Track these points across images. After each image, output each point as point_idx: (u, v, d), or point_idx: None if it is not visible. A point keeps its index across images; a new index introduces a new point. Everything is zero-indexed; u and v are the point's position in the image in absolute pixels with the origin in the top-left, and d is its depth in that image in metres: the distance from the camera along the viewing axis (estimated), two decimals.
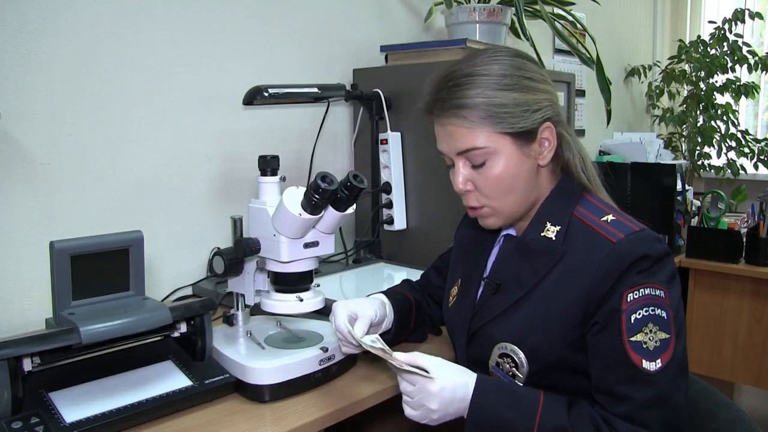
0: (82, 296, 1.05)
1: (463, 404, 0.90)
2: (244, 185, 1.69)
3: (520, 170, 0.96)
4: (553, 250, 0.96)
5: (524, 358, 0.96)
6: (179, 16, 1.53)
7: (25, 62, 1.28)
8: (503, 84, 0.93)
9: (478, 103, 0.92)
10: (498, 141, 0.94)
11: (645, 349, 0.86)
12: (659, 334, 0.87)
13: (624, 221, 0.94)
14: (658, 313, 0.88)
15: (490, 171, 0.95)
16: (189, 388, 1.00)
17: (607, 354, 0.89)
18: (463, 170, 0.97)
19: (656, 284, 0.89)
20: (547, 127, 0.97)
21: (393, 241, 1.83)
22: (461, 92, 0.93)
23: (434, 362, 0.91)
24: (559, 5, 1.97)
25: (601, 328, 0.90)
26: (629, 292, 0.88)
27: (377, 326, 1.10)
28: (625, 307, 0.88)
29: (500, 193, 0.97)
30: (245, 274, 1.15)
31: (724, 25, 3.22)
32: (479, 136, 0.93)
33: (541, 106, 0.96)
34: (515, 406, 0.89)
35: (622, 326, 0.88)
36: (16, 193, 1.29)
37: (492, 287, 1.02)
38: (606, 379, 0.89)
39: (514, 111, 0.93)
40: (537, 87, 0.96)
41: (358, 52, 1.96)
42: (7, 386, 0.87)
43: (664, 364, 0.86)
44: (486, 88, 0.93)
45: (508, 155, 0.94)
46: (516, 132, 0.94)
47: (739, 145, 3.25)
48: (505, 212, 0.99)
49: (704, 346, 2.39)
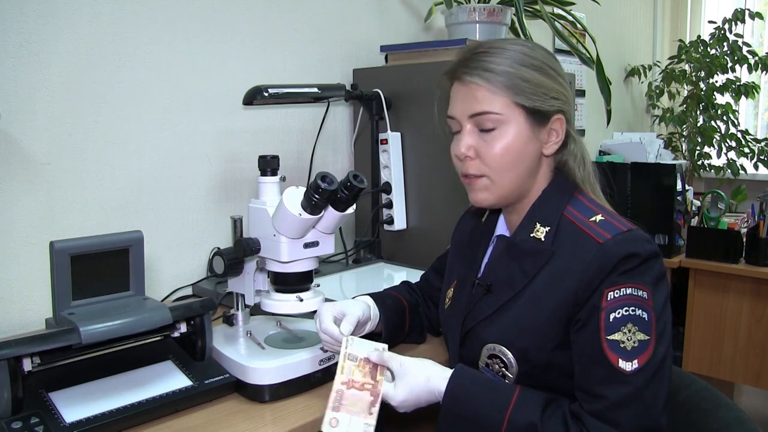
0: (82, 296, 1.05)
1: (431, 397, 0.93)
2: (244, 185, 1.69)
3: (526, 149, 0.97)
4: (541, 251, 0.96)
5: (513, 359, 0.96)
6: (179, 16, 1.53)
7: (25, 62, 1.28)
8: (530, 63, 0.97)
9: (504, 71, 0.95)
10: (513, 111, 0.95)
11: (622, 349, 0.86)
12: (638, 334, 0.86)
13: (612, 221, 0.94)
14: (639, 314, 0.87)
15: (497, 140, 0.96)
16: (189, 388, 1.00)
17: (586, 351, 0.89)
18: (469, 136, 0.98)
19: (639, 285, 0.88)
20: (558, 119, 0.99)
21: (393, 241, 1.83)
22: (490, 58, 0.96)
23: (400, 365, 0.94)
24: (559, 5, 1.97)
25: (582, 325, 0.90)
26: (610, 290, 0.88)
27: (362, 326, 1.10)
28: (604, 305, 0.88)
29: (503, 164, 0.97)
30: (245, 274, 1.15)
31: (724, 25, 3.22)
32: (497, 101, 0.95)
33: (559, 96, 0.98)
34: (489, 399, 0.90)
35: (600, 324, 0.87)
36: (16, 193, 1.29)
37: (483, 288, 1.02)
38: (584, 376, 0.89)
39: (535, 89, 0.96)
40: (559, 80, 0.99)
41: (358, 52, 1.96)
42: (7, 386, 0.87)
43: (641, 365, 0.85)
44: (514, 61, 0.96)
45: (518, 129, 0.96)
46: (531, 108, 0.96)
47: (739, 145, 3.25)
48: (500, 187, 0.99)
49: (704, 346, 2.39)
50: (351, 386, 0.94)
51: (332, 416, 0.91)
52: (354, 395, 0.93)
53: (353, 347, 0.98)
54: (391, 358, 0.94)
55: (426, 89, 1.72)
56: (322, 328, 1.04)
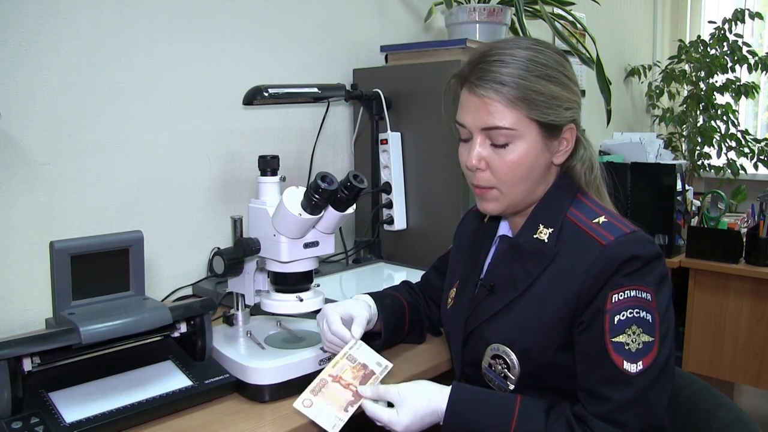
0: (82, 296, 1.05)
1: (435, 417, 0.91)
2: (244, 185, 1.69)
3: (538, 162, 0.96)
4: (545, 252, 0.96)
5: (516, 359, 0.96)
6: (179, 16, 1.53)
7: (25, 62, 1.28)
8: (545, 74, 0.94)
9: (519, 84, 0.92)
10: (527, 126, 0.94)
11: (627, 351, 0.86)
12: (642, 336, 0.87)
13: (615, 223, 0.94)
14: (643, 316, 0.87)
15: (510, 154, 0.95)
16: (189, 388, 1.00)
17: (590, 353, 0.89)
18: (480, 148, 0.96)
19: (643, 287, 0.88)
20: (570, 128, 0.98)
21: (393, 241, 1.83)
22: (505, 69, 0.93)
23: (398, 393, 0.92)
24: (559, 5, 1.97)
25: (586, 327, 0.90)
26: (614, 293, 0.88)
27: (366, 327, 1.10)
28: (609, 307, 0.88)
29: (514, 178, 0.96)
30: (245, 274, 1.15)
31: (724, 25, 3.22)
32: (510, 115, 0.93)
33: (572, 106, 0.97)
34: (491, 413, 0.90)
35: (605, 326, 0.88)
36: (16, 193, 1.29)
37: (486, 289, 1.02)
38: (588, 378, 0.90)
39: (549, 102, 0.94)
40: (572, 88, 0.98)
41: (358, 52, 1.96)
42: (7, 386, 0.87)
43: (645, 366, 0.86)
44: (529, 72, 0.93)
45: (531, 142, 0.95)
46: (545, 122, 0.94)
47: (739, 145, 3.25)
48: (510, 199, 0.99)
49: (704, 346, 2.39)
50: (337, 381, 0.95)
51: (308, 397, 0.92)
52: (336, 389, 0.94)
53: (357, 351, 0.98)
54: (386, 391, 0.93)
55: (426, 89, 1.72)
56: (333, 329, 1.03)
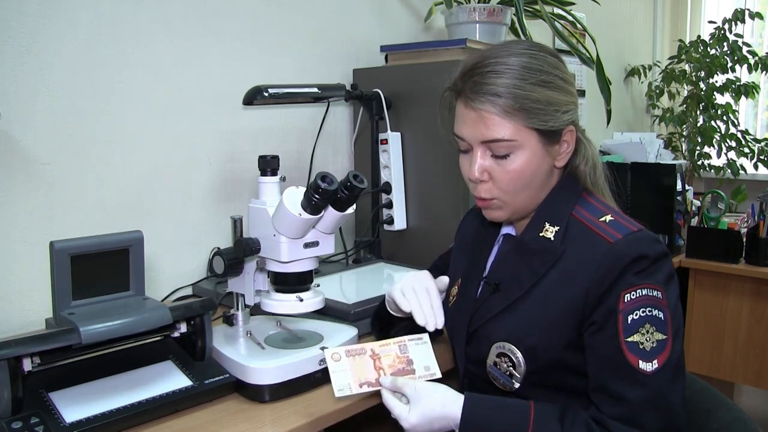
0: (82, 296, 1.05)
1: (445, 423, 0.91)
2: (244, 185, 1.69)
3: (540, 168, 0.96)
4: (551, 251, 0.96)
5: (522, 357, 0.96)
6: (179, 16, 1.53)
7: (25, 62, 1.28)
8: (540, 80, 0.93)
9: (515, 93, 0.91)
10: (526, 135, 0.93)
11: (641, 350, 0.86)
12: (656, 335, 0.87)
13: (622, 222, 0.95)
14: (655, 314, 0.88)
15: (511, 164, 0.95)
16: (189, 388, 1.00)
17: (604, 354, 0.89)
18: (482, 159, 0.96)
19: (654, 285, 0.89)
20: (569, 130, 0.98)
21: (393, 241, 1.83)
22: (499, 80, 0.92)
23: (415, 390, 0.92)
24: (559, 5, 1.97)
25: (599, 328, 0.90)
26: (626, 292, 0.88)
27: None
28: (622, 307, 0.88)
29: (516, 187, 0.96)
30: (245, 274, 1.15)
31: (724, 25, 3.22)
32: (509, 127, 0.92)
33: (570, 108, 0.97)
34: (506, 421, 0.89)
35: (618, 327, 0.88)
36: (16, 193, 1.29)
37: (491, 287, 1.02)
38: (602, 379, 0.89)
39: (546, 109, 0.93)
40: (568, 89, 0.97)
41: (358, 52, 1.96)
42: (7, 386, 0.87)
43: (660, 365, 0.86)
44: (524, 80, 0.92)
45: (532, 151, 0.94)
46: (544, 130, 0.94)
47: (739, 145, 3.24)
48: (514, 207, 0.99)
49: (704, 346, 2.39)
50: (374, 358, 0.96)
51: (340, 353, 0.95)
52: (366, 363, 0.95)
53: (415, 345, 0.99)
54: (404, 384, 0.93)
55: (426, 89, 1.72)
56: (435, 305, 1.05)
